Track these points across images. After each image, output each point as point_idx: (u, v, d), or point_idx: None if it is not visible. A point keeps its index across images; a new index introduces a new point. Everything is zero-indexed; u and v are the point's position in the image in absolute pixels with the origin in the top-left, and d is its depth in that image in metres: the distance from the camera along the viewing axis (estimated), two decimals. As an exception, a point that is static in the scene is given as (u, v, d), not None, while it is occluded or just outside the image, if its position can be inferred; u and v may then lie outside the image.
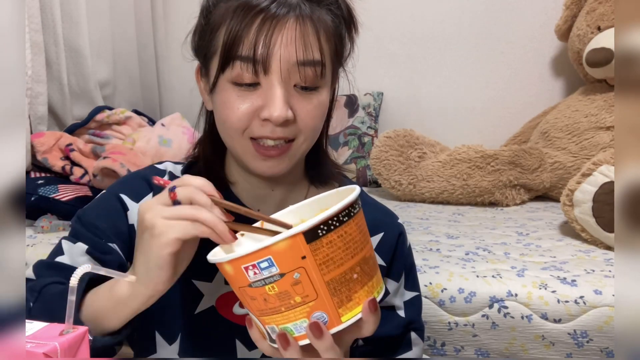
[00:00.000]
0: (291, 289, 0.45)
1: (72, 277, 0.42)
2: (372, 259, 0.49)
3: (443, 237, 1.40)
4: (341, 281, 0.45)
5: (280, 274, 0.44)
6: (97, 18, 2.02)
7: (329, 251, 0.44)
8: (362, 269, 0.47)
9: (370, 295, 0.47)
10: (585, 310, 1.02)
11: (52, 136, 1.66)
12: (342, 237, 0.45)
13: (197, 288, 0.67)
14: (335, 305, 0.46)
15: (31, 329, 0.41)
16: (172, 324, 0.66)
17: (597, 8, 1.84)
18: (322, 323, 0.45)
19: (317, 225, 0.44)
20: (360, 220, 0.48)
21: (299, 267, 0.44)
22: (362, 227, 0.48)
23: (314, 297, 0.45)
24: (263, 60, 0.56)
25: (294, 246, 0.43)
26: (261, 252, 0.43)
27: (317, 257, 0.44)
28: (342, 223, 0.45)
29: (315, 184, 0.73)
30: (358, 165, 2.14)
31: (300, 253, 0.44)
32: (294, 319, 0.46)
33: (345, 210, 0.45)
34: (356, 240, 0.46)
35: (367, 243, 0.49)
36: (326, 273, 0.45)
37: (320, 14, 0.59)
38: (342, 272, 0.45)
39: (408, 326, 0.72)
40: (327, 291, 0.45)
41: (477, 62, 2.22)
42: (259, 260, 0.44)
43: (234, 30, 0.56)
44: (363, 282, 0.47)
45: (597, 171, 1.28)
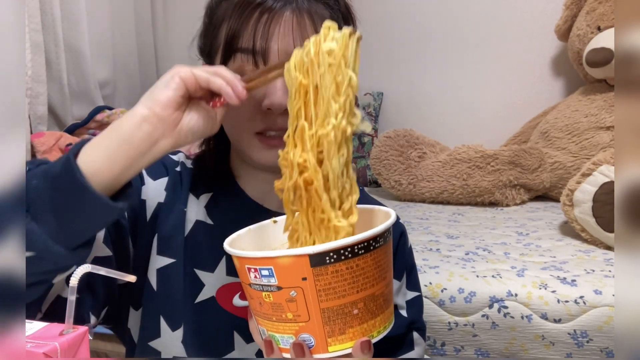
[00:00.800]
0: (285, 304, 0.44)
1: (72, 277, 0.42)
2: (384, 296, 0.46)
3: (443, 237, 1.40)
4: (338, 313, 0.44)
5: (278, 286, 0.43)
6: (97, 18, 2.02)
7: (332, 280, 0.43)
8: (366, 305, 0.44)
9: (367, 333, 0.45)
10: (585, 310, 1.02)
11: (52, 136, 1.66)
12: (351, 269, 0.43)
13: (198, 277, 0.67)
14: (325, 334, 0.44)
15: (31, 329, 0.41)
16: (175, 310, 0.67)
17: (597, 8, 1.84)
18: (306, 346, 0.45)
19: (326, 251, 0.42)
20: (382, 255, 0.45)
21: (297, 286, 0.43)
22: (381, 263, 0.45)
23: (305, 319, 0.44)
24: (262, 51, 0.58)
25: (297, 265, 0.42)
26: (265, 260, 0.43)
27: (319, 282, 0.43)
28: (356, 255, 0.43)
29: None
30: (358, 165, 2.14)
31: (302, 274, 0.43)
32: (282, 332, 0.46)
33: (364, 242, 0.43)
34: (368, 275, 0.44)
35: (383, 280, 0.45)
36: (324, 300, 0.43)
37: (317, 8, 0.61)
38: (341, 305, 0.43)
39: (410, 326, 0.72)
40: (320, 318, 0.44)
41: (477, 62, 2.22)
42: (261, 267, 0.43)
43: (234, 25, 0.59)
44: (363, 319, 0.44)
45: (597, 171, 1.28)
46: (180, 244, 0.67)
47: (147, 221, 0.67)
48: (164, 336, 0.67)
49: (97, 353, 1.29)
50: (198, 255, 0.67)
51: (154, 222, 0.67)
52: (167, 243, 0.67)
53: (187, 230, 0.68)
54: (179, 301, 0.67)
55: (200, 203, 0.69)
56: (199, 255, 0.67)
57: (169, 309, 0.67)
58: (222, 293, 0.67)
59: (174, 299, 0.67)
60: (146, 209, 0.67)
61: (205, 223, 0.68)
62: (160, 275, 0.67)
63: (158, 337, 0.67)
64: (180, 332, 0.67)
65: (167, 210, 0.68)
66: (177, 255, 0.67)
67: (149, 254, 0.67)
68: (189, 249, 0.67)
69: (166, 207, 0.68)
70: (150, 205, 0.68)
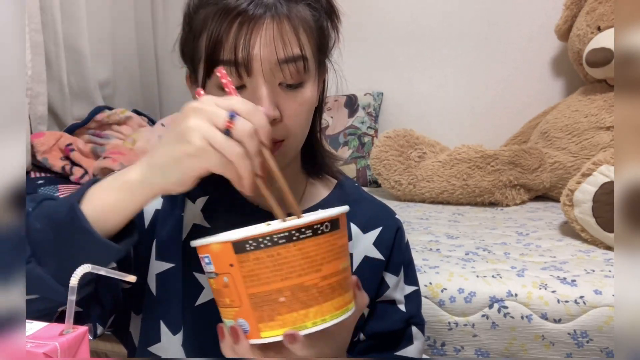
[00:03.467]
0: (223, 290, 0.47)
1: (72, 277, 0.42)
2: (319, 288, 0.46)
3: (443, 237, 1.40)
4: (264, 299, 0.45)
5: (215, 272, 0.47)
6: (97, 18, 2.02)
7: (254, 267, 0.45)
8: (294, 294, 0.45)
9: (299, 323, 0.46)
10: (585, 310, 1.02)
11: (52, 136, 1.66)
12: (273, 257, 0.44)
13: (197, 280, 0.67)
14: (256, 319, 0.46)
15: (31, 329, 0.41)
16: (175, 314, 0.67)
17: (597, 8, 1.84)
18: (241, 330, 0.47)
19: (245, 239, 0.44)
20: (312, 246, 0.45)
21: (227, 272, 0.46)
22: (310, 254, 0.45)
23: (238, 305, 0.46)
24: (245, 62, 0.57)
25: (224, 252, 0.45)
26: (204, 248, 0.47)
27: (243, 269, 0.45)
28: (276, 244, 0.44)
29: (312, 176, 0.75)
30: (358, 165, 2.14)
31: (229, 260, 0.45)
32: (226, 317, 0.49)
33: (286, 232, 0.44)
34: (293, 265, 0.45)
35: (317, 272, 0.46)
36: (250, 286, 0.45)
37: (297, 11, 0.60)
38: (266, 291, 0.45)
39: (409, 320, 0.73)
40: (250, 303, 0.46)
41: (477, 62, 2.22)
42: (203, 254, 0.47)
43: (214, 35, 0.57)
44: (292, 308, 0.45)
45: (597, 171, 1.28)
46: (177, 249, 0.68)
47: (146, 229, 0.68)
48: (164, 340, 0.67)
49: (97, 353, 1.29)
50: (196, 259, 0.67)
51: (153, 229, 0.68)
52: (165, 248, 0.67)
53: (185, 235, 0.68)
54: (178, 305, 0.67)
55: (197, 207, 0.70)
56: (197, 258, 0.67)
57: (169, 314, 0.67)
58: None
59: (173, 303, 0.67)
60: (144, 217, 0.68)
61: (202, 226, 0.68)
62: (159, 280, 0.67)
63: (158, 342, 0.67)
64: (180, 336, 0.67)
65: (165, 216, 0.68)
66: (175, 260, 0.67)
67: (149, 260, 0.67)
68: (186, 253, 0.68)
69: (163, 213, 0.68)
70: (148, 213, 0.68)
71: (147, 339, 0.68)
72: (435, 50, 2.26)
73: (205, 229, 0.68)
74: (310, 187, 0.74)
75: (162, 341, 0.67)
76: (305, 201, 0.72)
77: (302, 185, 0.73)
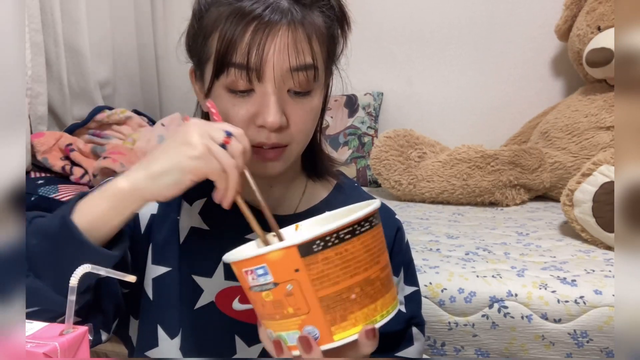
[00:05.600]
0: (284, 300, 0.45)
1: (72, 277, 0.42)
2: (380, 280, 0.47)
3: (443, 237, 1.40)
4: (336, 300, 0.44)
5: (275, 282, 0.44)
6: (97, 18, 2.02)
7: (324, 267, 0.43)
8: (363, 290, 0.45)
9: (370, 318, 0.45)
10: (585, 310, 1.02)
11: (52, 136, 1.66)
12: (341, 254, 0.44)
13: (197, 284, 0.67)
14: (327, 323, 0.45)
15: (31, 329, 0.41)
16: (173, 318, 0.67)
17: (597, 8, 1.84)
18: (312, 338, 0.45)
19: (312, 240, 0.43)
20: (370, 239, 0.46)
21: (291, 279, 0.44)
22: (370, 247, 0.46)
23: (305, 311, 0.44)
24: (256, 68, 0.56)
25: (287, 257, 0.43)
26: (257, 258, 0.44)
27: (311, 272, 0.43)
28: (343, 241, 0.43)
29: (312, 178, 0.74)
30: (358, 165, 2.14)
31: (294, 266, 0.43)
32: (287, 329, 0.46)
33: (350, 227, 0.44)
34: (359, 259, 0.44)
35: (377, 264, 0.46)
36: (320, 289, 0.44)
37: (312, 18, 0.59)
38: (337, 291, 0.44)
39: (409, 321, 0.73)
40: (320, 307, 0.44)
41: (477, 62, 2.22)
42: (256, 266, 0.44)
43: (228, 37, 0.57)
44: (363, 303, 0.45)
45: (597, 171, 1.28)
46: (175, 252, 0.67)
47: (142, 234, 0.68)
48: (161, 345, 0.67)
49: (97, 353, 1.29)
50: (195, 262, 0.67)
51: (149, 234, 0.68)
52: (161, 252, 0.67)
53: (182, 238, 0.68)
54: (176, 309, 0.67)
55: (194, 209, 0.69)
56: (196, 261, 0.67)
57: (166, 318, 0.67)
58: (221, 297, 0.67)
59: (170, 307, 0.67)
60: (140, 222, 0.68)
61: (200, 229, 0.68)
62: (156, 284, 0.67)
63: (156, 347, 0.67)
64: (178, 340, 0.67)
65: (161, 221, 0.68)
66: (172, 264, 0.67)
67: (145, 265, 0.67)
68: (185, 256, 0.67)
69: (159, 217, 0.68)
70: (144, 218, 0.68)
71: (145, 343, 0.68)
72: (435, 50, 2.26)
73: (204, 231, 0.68)
74: (311, 187, 0.74)
75: (160, 345, 0.67)
76: (305, 202, 0.72)
77: (302, 186, 0.73)
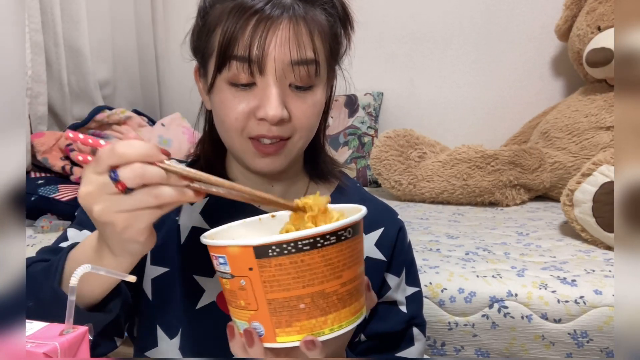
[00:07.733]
0: (238, 292, 0.46)
1: (72, 277, 0.42)
2: (338, 295, 0.45)
3: (443, 237, 1.40)
4: (284, 305, 0.44)
5: (231, 274, 0.45)
6: (97, 18, 2.02)
7: (276, 272, 0.43)
8: (314, 301, 0.44)
9: (316, 330, 0.45)
10: (585, 310, 1.02)
11: (52, 136, 1.66)
12: (296, 264, 0.43)
13: (198, 283, 0.67)
14: (273, 324, 0.45)
15: (31, 329, 0.41)
16: (173, 318, 0.67)
17: (597, 8, 1.84)
18: (256, 334, 0.46)
19: (269, 244, 0.43)
20: (334, 253, 0.44)
21: (245, 275, 0.44)
22: (332, 261, 0.44)
23: (254, 308, 0.45)
24: (258, 61, 0.57)
25: (243, 255, 0.44)
26: (220, 248, 0.45)
27: (263, 274, 0.44)
28: (301, 251, 0.43)
29: (314, 179, 0.74)
30: (358, 165, 2.14)
31: (248, 264, 0.44)
32: (239, 318, 0.48)
33: (310, 239, 0.43)
34: (315, 272, 0.44)
35: (337, 278, 0.45)
36: (269, 292, 0.44)
37: (314, 14, 0.60)
38: (286, 297, 0.44)
39: (410, 321, 0.73)
40: (267, 308, 0.45)
41: (477, 62, 2.22)
42: (218, 254, 0.46)
43: (229, 31, 0.57)
44: (311, 315, 0.45)
45: (597, 171, 1.28)
46: (174, 252, 0.67)
47: None
48: (161, 345, 0.67)
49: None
50: (196, 262, 0.67)
51: None
52: (160, 253, 0.67)
53: (183, 238, 0.68)
54: (175, 309, 0.67)
55: (195, 209, 0.69)
56: (197, 261, 0.67)
57: (165, 318, 0.67)
58: (222, 297, 0.67)
59: (170, 307, 0.67)
60: None
61: (202, 229, 0.68)
62: (155, 285, 0.67)
63: (155, 347, 0.67)
64: (178, 340, 0.67)
65: (160, 221, 0.68)
66: (171, 264, 0.67)
67: (144, 267, 0.67)
68: (186, 256, 0.67)
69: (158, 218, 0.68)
70: None
71: (145, 343, 0.68)
72: (436, 50, 2.26)
73: (206, 230, 0.68)
74: (312, 188, 0.74)
75: (159, 345, 0.67)
76: None
77: (303, 186, 0.73)
